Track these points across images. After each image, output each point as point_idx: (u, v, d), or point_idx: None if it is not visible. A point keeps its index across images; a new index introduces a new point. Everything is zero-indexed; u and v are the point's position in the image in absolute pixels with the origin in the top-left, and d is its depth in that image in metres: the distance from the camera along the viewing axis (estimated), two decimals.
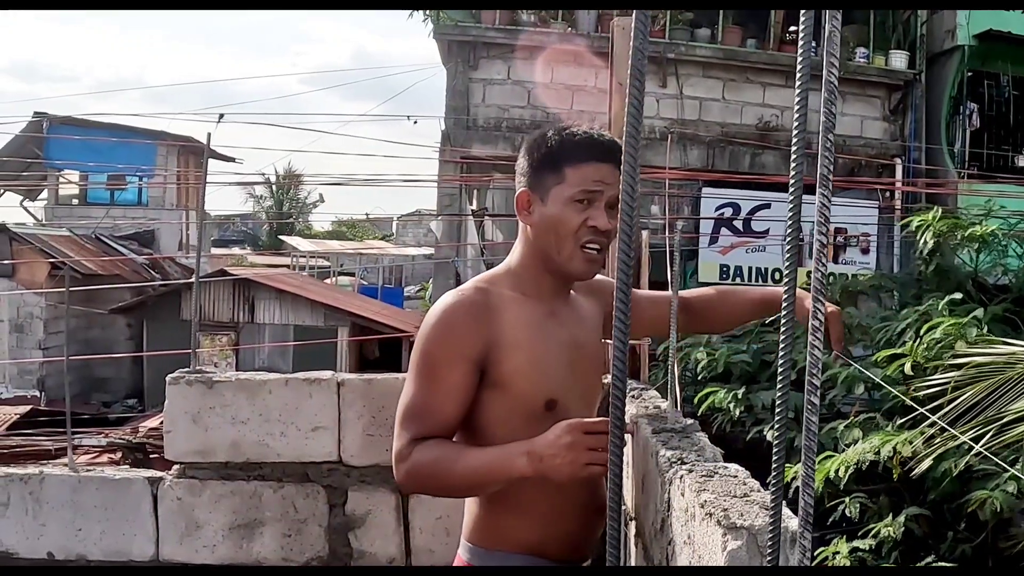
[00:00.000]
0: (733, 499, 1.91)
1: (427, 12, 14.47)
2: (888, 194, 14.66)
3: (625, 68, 3.67)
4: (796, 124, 1.14)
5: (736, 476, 2.11)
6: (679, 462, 2.28)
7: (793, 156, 1.14)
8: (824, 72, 1.10)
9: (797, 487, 1.13)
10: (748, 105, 14.23)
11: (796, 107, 1.14)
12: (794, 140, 1.14)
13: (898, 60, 14.45)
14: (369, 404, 3.75)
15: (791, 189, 1.15)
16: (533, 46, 13.82)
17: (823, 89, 1.10)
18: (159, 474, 3.91)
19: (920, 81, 14.61)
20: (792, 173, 1.15)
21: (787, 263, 1.16)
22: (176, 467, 3.84)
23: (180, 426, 3.78)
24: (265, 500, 3.80)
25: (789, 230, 1.15)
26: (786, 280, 1.17)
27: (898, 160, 14.55)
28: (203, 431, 3.76)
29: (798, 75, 1.15)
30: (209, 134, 4.17)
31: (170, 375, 3.82)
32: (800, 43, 1.15)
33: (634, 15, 1.15)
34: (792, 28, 13.88)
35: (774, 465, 1.20)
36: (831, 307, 2.57)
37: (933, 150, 14.56)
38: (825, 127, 1.10)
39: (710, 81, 14.27)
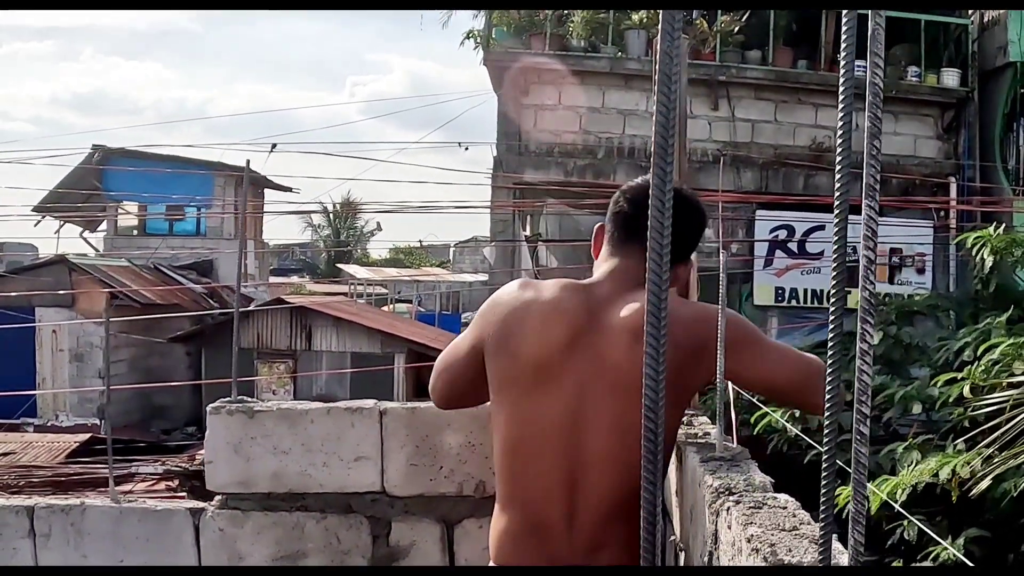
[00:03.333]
0: (781, 533, 1.81)
1: (477, 39, 14.48)
2: (943, 213, 14.45)
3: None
4: (840, 139, 1.07)
5: (785, 508, 2.00)
6: (726, 492, 2.18)
7: (838, 172, 1.07)
8: (868, 73, 1.01)
9: (846, 516, 1.05)
10: (801, 126, 14.09)
11: (840, 120, 1.07)
12: (838, 154, 1.07)
13: (950, 78, 14.25)
14: (412, 433, 3.67)
15: (836, 208, 1.09)
16: (584, 71, 13.79)
17: (867, 92, 1.02)
18: (201, 505, 3.84)
19: (973, 99, 14.38)
20: (836, 191, 1.09)
21: (834, 283, 1.10)
22: (218, 498, 3.78)
23: (221, 456, 3.72)
24: (308, 531, 3.73)
25: (835, 249, 1.09)
26: (833, 302, 1.10)
27: (952, 179, 14.33)
28: (244, 461, 3.70)
29: (841, 86, 1.06)
30: (248, 160, 4.15)
31: (210, 405, 3.76)
32: (843, 49, 1.07)
33: (661, 18, 1.07)
34: None
35: (823, 499, 1.12)
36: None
37: (987, 168, 14.33)
38: (871, 132, 1.02)
39: (762, 103, 14.15)
